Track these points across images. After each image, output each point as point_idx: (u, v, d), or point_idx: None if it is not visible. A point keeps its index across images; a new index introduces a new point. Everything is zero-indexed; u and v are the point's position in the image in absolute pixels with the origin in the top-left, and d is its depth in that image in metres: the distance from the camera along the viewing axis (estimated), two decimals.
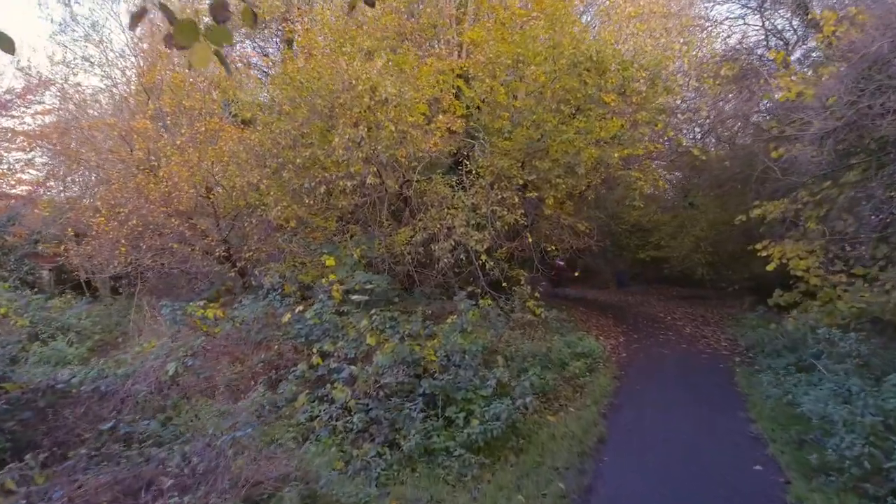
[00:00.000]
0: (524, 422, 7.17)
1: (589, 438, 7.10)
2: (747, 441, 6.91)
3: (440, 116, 11.47)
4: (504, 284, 11.29)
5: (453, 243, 10.19)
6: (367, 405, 7.03)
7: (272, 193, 10.71)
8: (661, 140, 13.95)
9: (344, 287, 10.09)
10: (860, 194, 10.51)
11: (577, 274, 14.95)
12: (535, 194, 11.76)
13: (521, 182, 11.32)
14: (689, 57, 13.33)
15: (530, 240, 11.63)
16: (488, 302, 10.63)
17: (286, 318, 9.50)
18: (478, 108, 12.17)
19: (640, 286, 26.83)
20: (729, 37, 17.54)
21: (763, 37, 16.17)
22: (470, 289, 11.59)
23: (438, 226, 10.38)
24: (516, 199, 11.05)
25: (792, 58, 14.63)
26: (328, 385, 7.67)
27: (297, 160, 10.34)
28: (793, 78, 10.98)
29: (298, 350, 9.43)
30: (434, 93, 11.76)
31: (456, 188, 10.74)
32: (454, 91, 12.08)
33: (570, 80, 10.92)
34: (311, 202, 10.95)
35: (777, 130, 11.87)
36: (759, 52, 15.79)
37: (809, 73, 12.26)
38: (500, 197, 10.93)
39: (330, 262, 10.28)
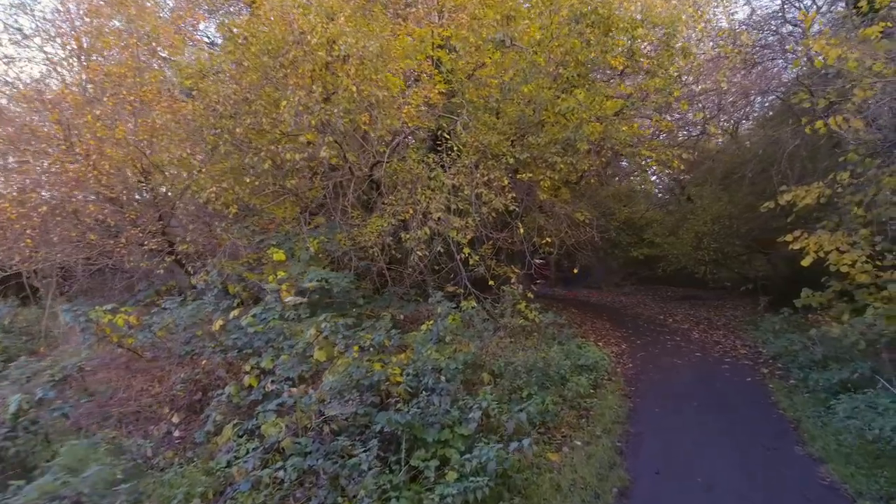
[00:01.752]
0: (518, 467, 5.29)
1: (606, 489, 5.28)
2: (822, 495, 5.11)
3: (416, 87, 9.63)
4: (491, 283, 9.43)
5: (429, 232, 8.30)
6: (306, 447, 5.12)
7: (204, 172, 8.73)
8: (673, 117, 12.18)
9: (297, 287, 8.21)
10: None
11: (575, 272, 13.17)
12: (528, 176, 9.90)
13: (511, 161, 9.47)
14: (703, 24, 11.58)
15: (522, 231, 9.78)
16: (472, 304, 8.82)
17: (217, 324, 7.58)
18: (461, 81, 10.31)
19: (632, 286, 25.29)
20: (734, 14, 15.92)
21: (779, 7, 14.45)
22: (451, 288, 9.78)
23: (411, 210, 8.49)
24: (506, 181, 9.20)
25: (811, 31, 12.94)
26: (260, 415, 5.77)
27: (238, 130, 8.40)
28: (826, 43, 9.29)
29: (234, 366, 7.53)
30: (410, 64, 9.92)
31: (434, 166, 8.84)
32: (434, 62, 10.24)
33: (570, 40, 9.09)
34: (258, 183, 9.02)
35: (808, 103, 10.16)
36: (775, 24, 14.06)
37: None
38: (486, 178, 9.07)
39: (278, 256, 8.41)
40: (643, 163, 11.00)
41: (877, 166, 9.02)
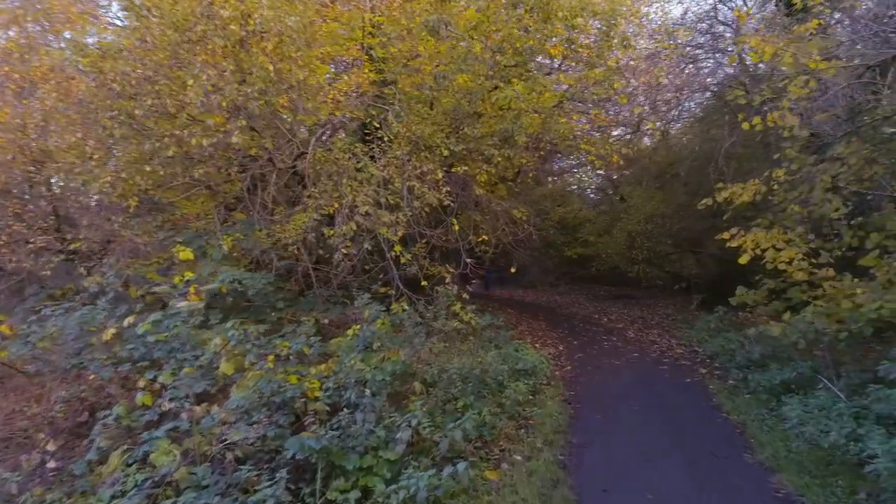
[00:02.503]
0: (453, 492, 4.66)
1: None
2: None
3: (345, 76, 8.91)
4: (424, 284, 8.80)
5: (355, 227, 7.58)
6: (203, 479, 4.32)
7: (97, 159, 7.67)
8: (609, 113, 11.92)
9: (207, 288, 7.34)
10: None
11: (513, 271, 12.73)
12: (464, 169, 9.32)
13: (445, 153, 8.86)
14: (639, 20, 11.38)
15: (457, 228, 9.19)
16: (404, 307, 8.14)
17: (109, 333, 6.61)
18: (393, 71, 9.60)
19: (567, 285, 25.31)
20: (669, 13, 15.96)
21: (711, 7, 14.52)
22: (381, 289, 9.09)
23: (336, 204, 7.74)
24: (440, 175, 8.59)
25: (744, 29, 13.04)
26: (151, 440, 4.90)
27: (138, 112, 7.41)
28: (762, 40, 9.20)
29: (130, 381, 6.57)
30: (339, 50, 9.18)
31: (362, 157, 8.10)
32: (365, 50, 9.53)
33: (508, 26, 8.57)
34: (163, 173, 8.03)
35: (744, 100, 10.07)
36: (708, 23, 14.11)
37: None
38: (419, 171, 8.43)
39: (185, 255, 7.48)
40: (582, 157, 10.59)
41: (811, 164, 8.99)
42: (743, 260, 9.11)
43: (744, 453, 5.81)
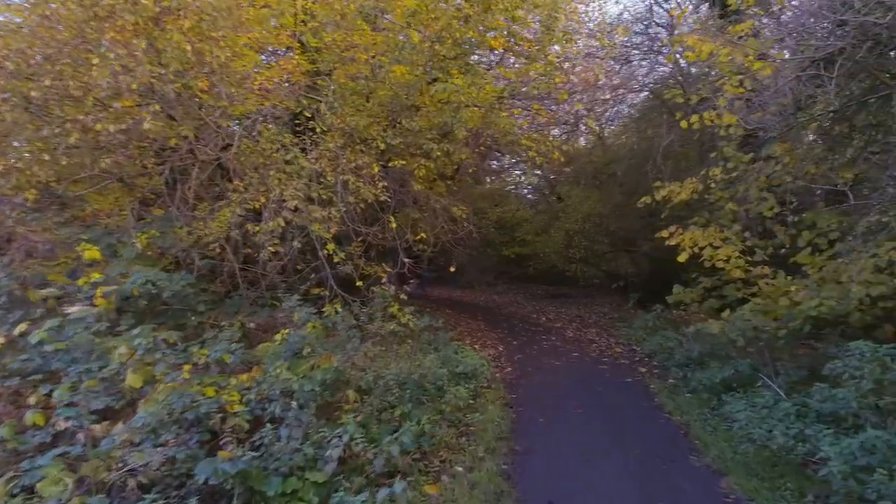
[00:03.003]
0: None
1: None
2: None
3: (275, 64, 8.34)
4: (359, 284, 8.32)
5: (283, 223, 7.03)
6: None
7: None
8: (550, 110, 11.76)
9: (110, 291, 6.64)
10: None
11: (452, 270, 12.38)
12: (401, 163, 8.88)
13: (382, 146, 8.41)
14: (579, 17, 11.27)
15: (394, 225, 8.75)
16: (337, 309, 7.66)
17: None
18: (328, 62, 9.05)
19: (505, 285, 25.26)
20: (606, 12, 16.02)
21: (647, 8, 14.70)
22: (314, 290, 8.55)
23: (263, 198, 7.17)
24: (376, 169, 8.14)
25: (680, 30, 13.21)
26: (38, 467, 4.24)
27: (34, 93, 6.60)
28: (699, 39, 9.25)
29: (20, 397, 5.80)
30: (268, 38, 8.59)
31: (291, 147, 7.54)
32: (297, 38, 8.95)
33: (447, 14, 8.21)
34: (65, 163, 7.20)
35: (682, 98, 10.11)
36: (644, 24, 14.26)
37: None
38: (354, 164, 7.96)
39: (91, 253, 6.75)
40: (522, 156, 10.38)
41: (747, 162, 9.08)
42: (682, 258, 9.11)
43: (689, 455, 5.66)
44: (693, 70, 12.44)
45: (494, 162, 20.39)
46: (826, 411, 5.16)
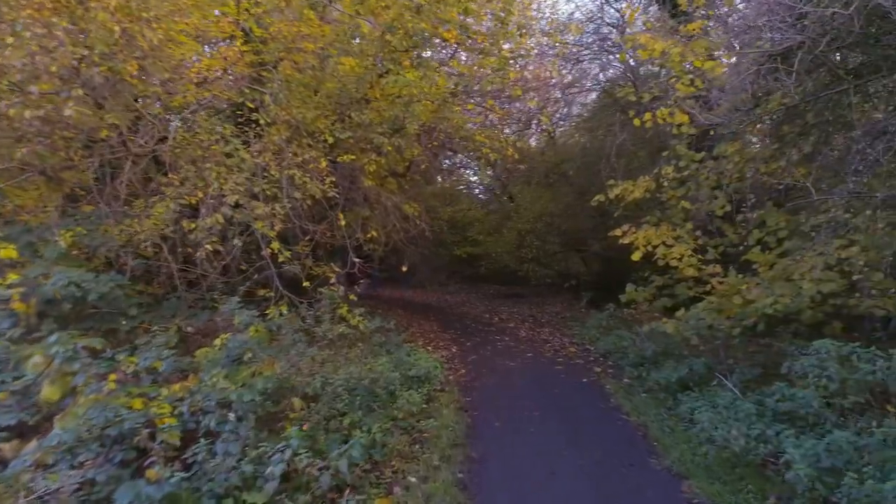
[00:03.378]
0: None
1: None
2: None
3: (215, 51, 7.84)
4: (306, 285, 7.91)
5: (222, 220, 6.56)
6: None
7: None
8: (504, 106, 11.59)
9: (35, 291, 6.06)
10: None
11: (404, 269, 12.03)
12: (351, 158, 8.50)
13: (330, 140, 8.01)
14: (532, 12, 11.15)
15: (343, 223, 8.38)
16: (283, 311, 7.25)
17: None
18: (274, 53, 8.56)
19: (457, 285, 25.13)
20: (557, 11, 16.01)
21: (598, 8, 14.73)
22: (260, 291, 8.10)
23: (200, 193, 6.68)
24: (324, 163, 7.74)
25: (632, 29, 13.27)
26: None
27: None
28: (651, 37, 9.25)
29: None
30: (209, 28, 8.06)
31: (232, 139, 7.06)
32: (241, 26, 8.44)
33: (399, 4, 7.88)
34: None
35: (634, 97, 10.10)
36: (595, 24, 14.28)
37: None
38: (300, 158, 7.54)
39: (7, 252, 6.13)
40: (474, 154, 10.15)
41: (699, 161, 9.11)
42: (636, 257, 9.06)
43: (649, 458, 5.51)
44: (643, 70, 12.54)
45: (446, 161, 20.18)
46: (780, 409, 5.11)
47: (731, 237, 9.16)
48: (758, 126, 6.01)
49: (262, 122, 7.57)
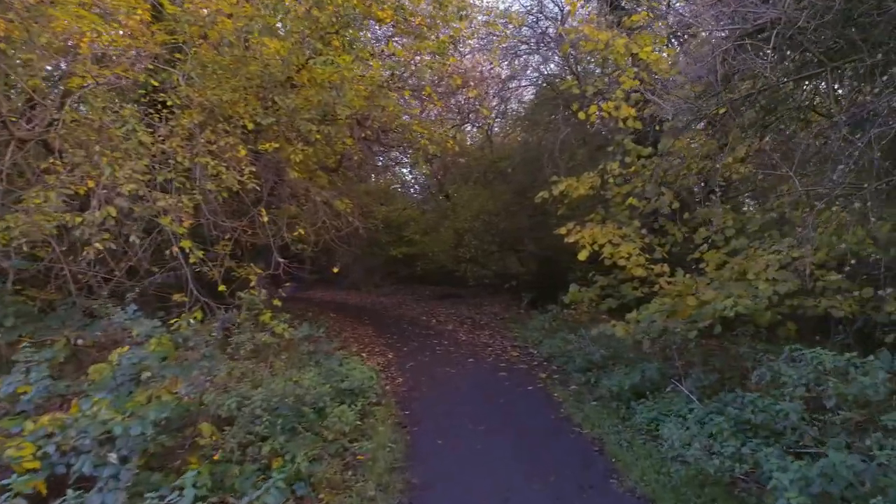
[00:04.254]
0: None
1: None
2: None
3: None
4: (222, 289, 7.01)
5: (115, 213, 5.60)
6: None
7: None
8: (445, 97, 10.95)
9: None
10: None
11: (336, 271, 11.18)
12: (274, 146, 7.61)
13: (250, 126, 7.13)
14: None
15: (266, 219, 7.51)
16: (198, 318, 6.35)
17: None
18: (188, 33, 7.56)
19: (392, 286, 24.41)
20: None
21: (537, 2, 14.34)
22: (177, 296, 7.11)
23: (90, 182, 5.67)
24: (243, 152, 6.86)
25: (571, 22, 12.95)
26: None
27: None
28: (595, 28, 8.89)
29: None
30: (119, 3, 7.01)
31: (130, 120, 6.06)
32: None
33: None
34: None
35: (577, 89, 9.73)
36: (533, 18, 13.88)
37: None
38: (215, 145, 6.64)
39: None
40: (413, 143, 9.46)
41: (646, 156, 8.79)
42: (582, 256, 8.62)
43: (609, 479, 4.99)
44: (582, 69, 12.23)
45: (381, 157, 19.41)
46: (746, 420, 4.71)
47: (676, 235, 8.91)
48: (722, 111, 5.61)
49: (169, 103, 6.61)
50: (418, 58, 8.81)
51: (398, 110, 8.12)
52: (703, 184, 9.29)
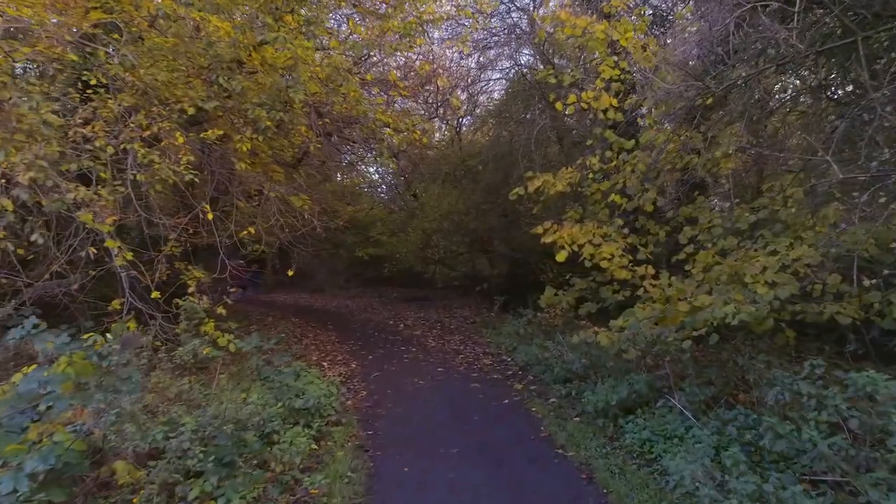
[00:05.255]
0: None
1: None
2: None
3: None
4: (155, 295, 6.13)
5: (12, 207, 4.70)
6: None
7: None
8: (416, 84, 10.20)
9: None
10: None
11: (291, 274, 10.35)
12: (219, 132, 6.75)
13: (190, 111, 6.26)
14: None
15: (210, 216, 6.65)
16: (131, 328, 5.49)
17: None
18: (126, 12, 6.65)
19: (358, 288, 23.63)
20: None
21: None
22: (113, 305, 6.24)
23: None
24: (181, 139, 5.99)
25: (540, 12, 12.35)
26: None
27: None
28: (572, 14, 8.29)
29: None
30: None
31: (35, 96, 5.14)
32: None
33: None
34: None
35: (553, 79, 9.09)
36: (506, 4, 13.24)
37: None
38: (149, 131, 5.77)
39: None
40: (378, 136, 8.70)
41: (629, 149, 8.20)
42: (560, 257, 7.94)
43: None
44: (557, 59, 11.66)
45: (346, 155, 18.56)
46: (748, 440, 4.10)
47: (658, 234, 8.35)
48: (709, 101, 4.99)
49: (93, 82, 5.72)
50: (384, 37, 8.04)
51: (359, 95, 7.33)
52: (684, 179, 8.74)
